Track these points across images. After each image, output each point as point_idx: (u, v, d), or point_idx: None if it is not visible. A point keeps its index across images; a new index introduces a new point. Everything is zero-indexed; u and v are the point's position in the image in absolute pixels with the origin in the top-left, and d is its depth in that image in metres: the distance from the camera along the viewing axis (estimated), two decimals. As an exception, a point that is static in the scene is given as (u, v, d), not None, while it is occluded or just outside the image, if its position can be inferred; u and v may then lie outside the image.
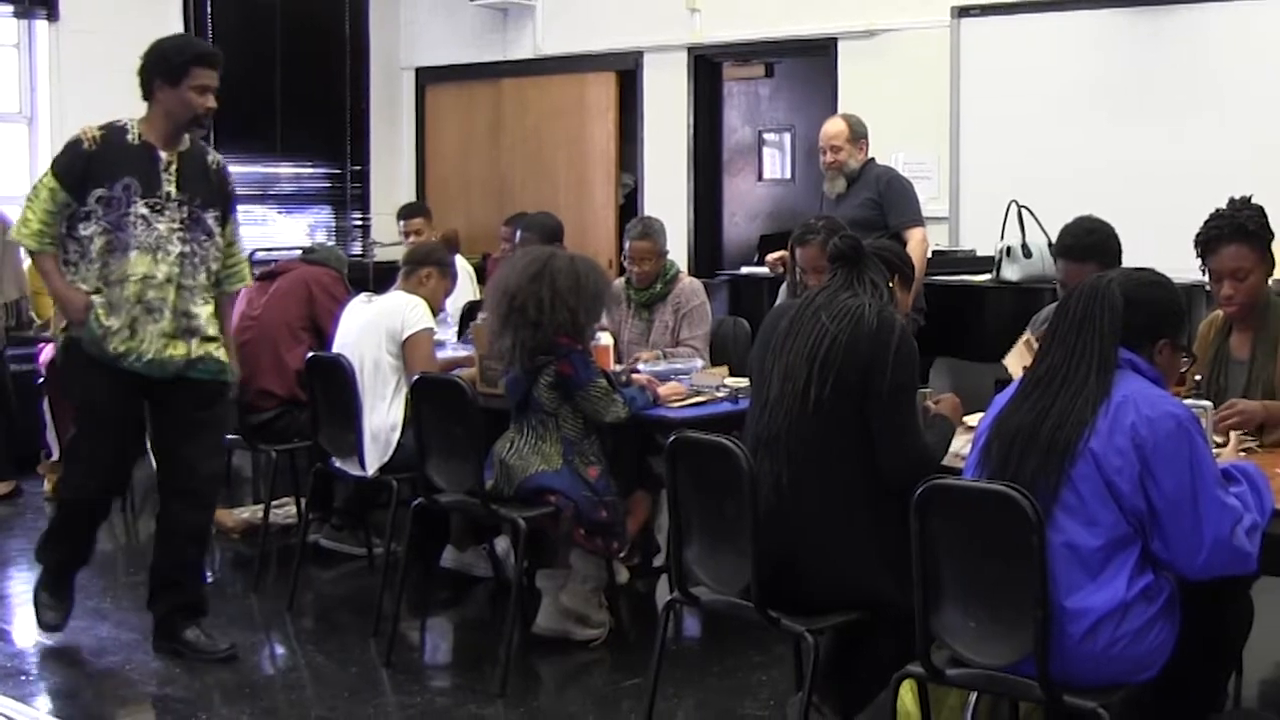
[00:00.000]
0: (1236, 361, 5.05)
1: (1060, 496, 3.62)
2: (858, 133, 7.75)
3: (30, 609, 6.51)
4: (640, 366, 6.61)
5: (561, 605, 5.91)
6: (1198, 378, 4.93)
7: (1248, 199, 4.96)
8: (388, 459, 6.38)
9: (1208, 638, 3.90)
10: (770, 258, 7.97)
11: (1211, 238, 4.91)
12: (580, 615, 5.91)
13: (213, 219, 5.70)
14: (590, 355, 5.81)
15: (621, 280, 7.40)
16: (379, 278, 10.13)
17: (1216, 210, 4.96)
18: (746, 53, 11.39)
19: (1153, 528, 3.59)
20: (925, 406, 4.76)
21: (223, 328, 5.88)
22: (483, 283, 8.92)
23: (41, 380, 8.76)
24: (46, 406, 8.72)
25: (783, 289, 7.32)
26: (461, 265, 8.67)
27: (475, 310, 7.51)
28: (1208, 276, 5.01)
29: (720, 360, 7.07)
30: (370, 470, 6.39)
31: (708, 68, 11.37)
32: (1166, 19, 8.75)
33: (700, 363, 6.87)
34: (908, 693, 4.16)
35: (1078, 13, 9.10)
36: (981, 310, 8.21)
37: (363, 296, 6.86)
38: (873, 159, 7.82)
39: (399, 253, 8.68)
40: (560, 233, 7.90)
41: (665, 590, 6.32)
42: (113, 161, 5.48)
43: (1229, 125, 8.52)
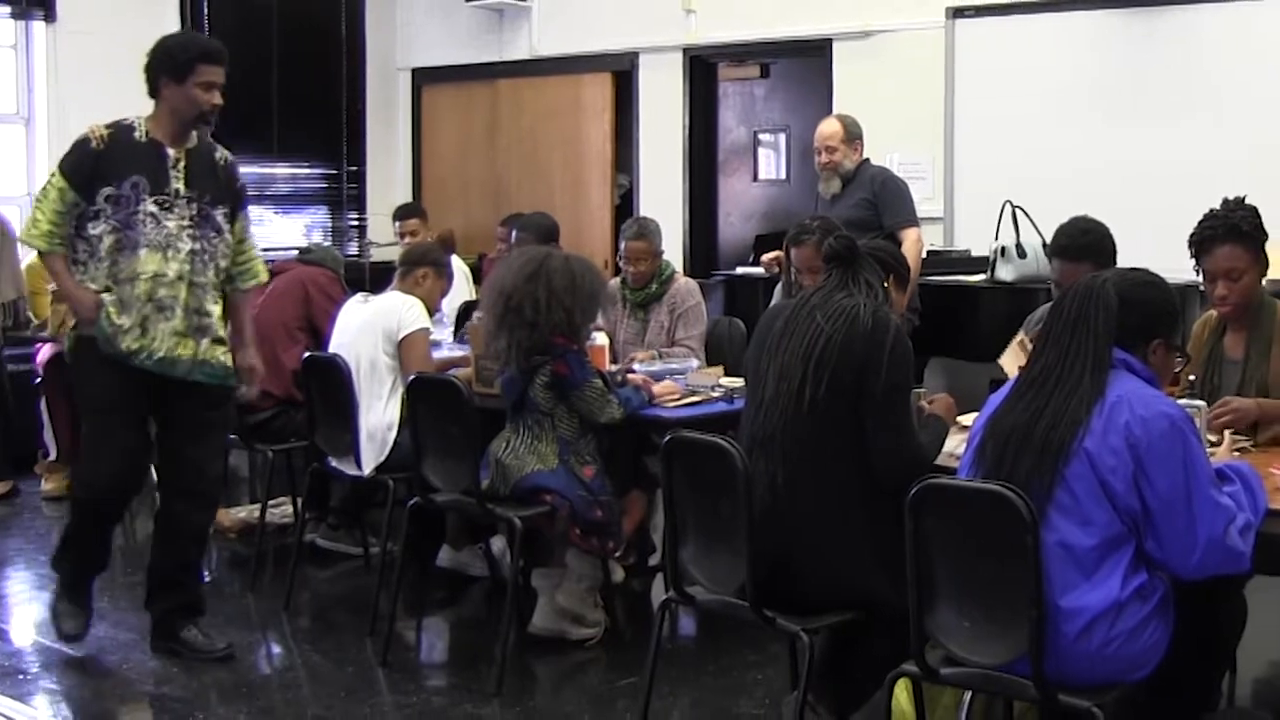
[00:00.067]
0: (1230, 361, 5.06)
1: (1054, 496, 3.62)
2: (853, 133, 7.76)
3: (28, 608, 6.55)
4: (636, 366, 6.61)
5: (557, 604, 5.91)
6: (1191, 378, 4.92)
7: (1241, 199, 4.96)
8: (384, 459, 6.37)
9: (1202, 637, 3.90)
10: (765, 258, 7.98)
11: (1205, 238, 4.92)
12: (576, 614, 5.91)
13: (222, 216, 5.68)
14: (586, 355, 5.82)
15: (617, 280, 7.40)
16: (375, 278, 10.16)
17: (1210, 211, 4.96)
18: (742, 53, 11.40)
19: (1147, 527, 3.59)
20: (919, 406, 4.77)
21: (240, 325, 5.89)
22: (479, 283, 8.96)
23: (39, 380, 8.78)
24: (44, 406, 8.75)
25: (778, 289, 7.33)
26: (457, 265, 8.68)
27: (471, 310, 7.51)
28: (1202, 277, 5.01)
29: (715, 360, 7.08)
30: (366, 470, 6.39)
31: (703, 68, 11.36)
32: (1161, 20, 8.76)
33: (695, 363, 6.87)
34: (903, 692, 4.17)
35: (1072, 14, 9.09)
36: (976, 310, 8.23)
37: (359, 297, 6.86)
38: (867, 159, 7.82)
39: (395, 253, 8.70)
40: (556, 233, 7.90)
41: (661, 589, 6.33)
42: (121, 160, 5.46)
43: (1223, 126, 8.53)
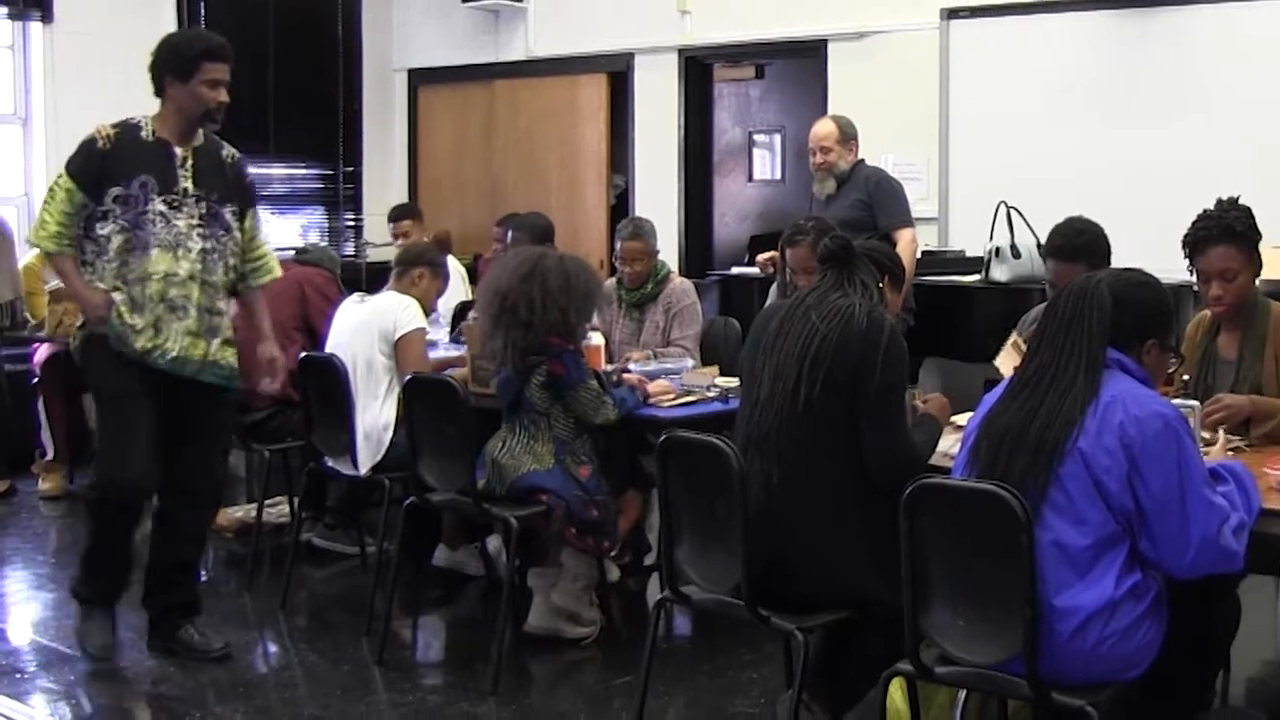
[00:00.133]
0: (1224, 361, 5.07)
1: (1049, 495, 3.62)
2: (847, 134, 7.76)
3: (25, 607, 6.56)
4: (631, 366, 6.62)
5: (553, 604, 5.92)
6: (1185, 377, 4.92)
7: (1235, 200, 4.97)
8: (380, 458, 6.38)
9: (1195, 636, 3.91)
10: (760, 258, 7.99)
11: (1199, 238, 4.93)
12: (572, 614, 5.92)
13: (230, 214, 5.66)
14: (582, 355, 5.83)
15: (613, 280, 7.41)
16: (371, 278, 10.16)
17: (1204, 211, 4.98)
18: (737, 54, 11.39)
19: (1141, 527, 3.59)
20: (913, 406, 4.78)
21: (258, 320, 5.88)
22: (475, 283, 8.95)
23: (36, 380, 8.79)
24: (41, 406, 8.76)
25: (773, 289, 7.32)
26: (453, 265, 8.69)
27: (467, 310, 7.51)
28: (1196, 277, 5.03)
29: (711, 360, 7.07)
30: (363, 469, 6.40)
31: (698, 69, 11.38)
32: (1154, 21, 8.78)
33: (691, 362, 6.87)
34: (897, 691, 4.16)
35: (1066, 15, 9.11)
36: (970, 310, 8.23)
37: (355, 297, 6.86)
38: (862, 160, 7.82)
39: (391, 253, 8.70)
40: (551, 233, 7.91)
41: (656, 589, 6.34)
42: (128, 159, 5.43)
43: (1217, 126, 8.55)
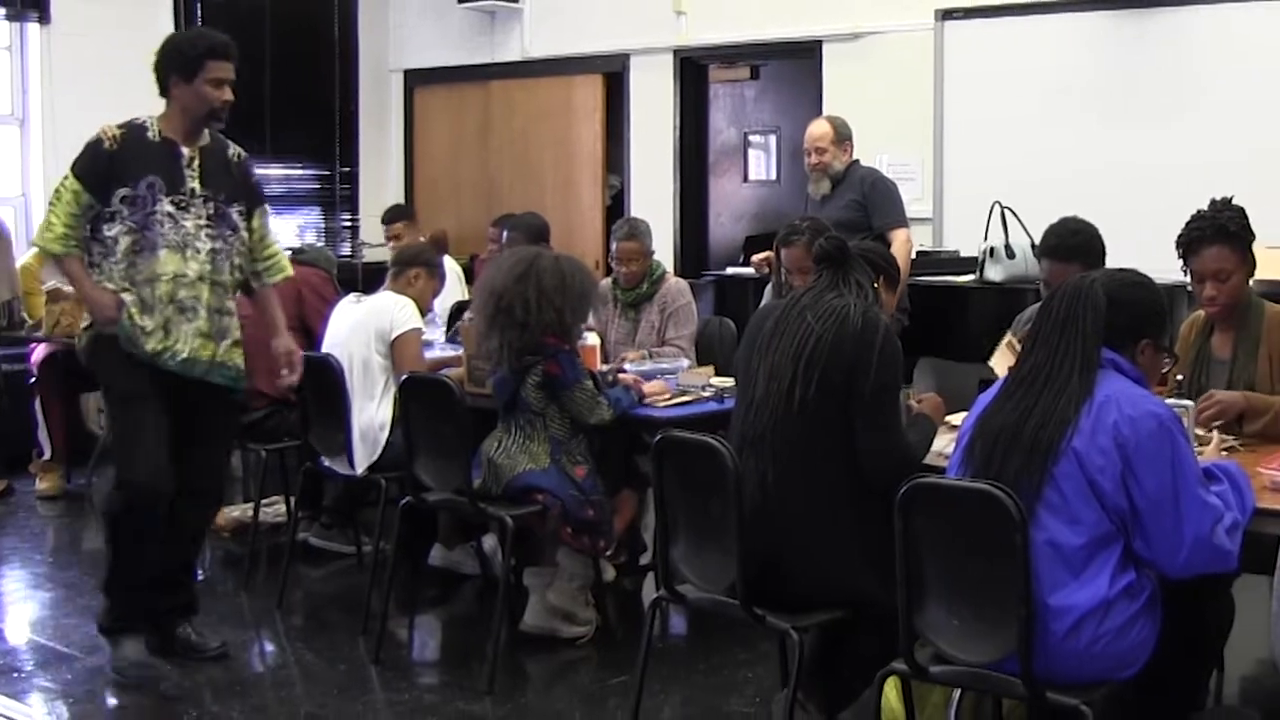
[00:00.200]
0: (1218, 361, 5.08)
1: (1043, 495, 3.63)
2: (842, 134, 7.77)
3: (23, 606, 6.57)
4: (626, 366, 6.63)
5: (549, 603, 5.93)
6: (1179, 377, 4.94)
7: (1229, 200, 4.99)
8: (376, 458, 6.39)
9: (1189, 635, 3.92)
10: (756, 258, 7.99)
11: (1193, 239, 4.94)
12: (567, 613, 5.93)
13: (237, 214, 5.63)
14: (577, 355, 5.84)
15: (608, 280, 7.43)
16: (368, 278, 10.15)
17: (1198, 211, 4.99)
18: (732, 55, 11.40)
19: (1134, 526, 3.60)
20: (908, 406, 4.79)
21: (272, 316, 5.88)
22: (471, 283, 8.96)
23: (33, 380, 8.79)
24: (38, 406, 8.77)
25: (768, 289, 7.33)
26: (450, 266, 8.69)
27: (463, 310, 7.51)
28: (1190, 277, 5.04)
29: (706, 360, 7.09)
30: (359, 469, 6.41)
31: (693, 70, 11.39)
32: (1149, 22, 8.79)
33: (686, 362, 6.88)
34: (892, 690, 4.18)
35: (1061, 16, 9.12)
36: (965, 311, 8.24)
37: (351, 297, 6.87)
38: (857, 160, 7.83)
39: (387, 253, 8.71)
40: (546, 233, 7.92)
41: (652, 588, 6.34)
42: (135, 160, 5.40)
43: (1211, 127, 8.55)
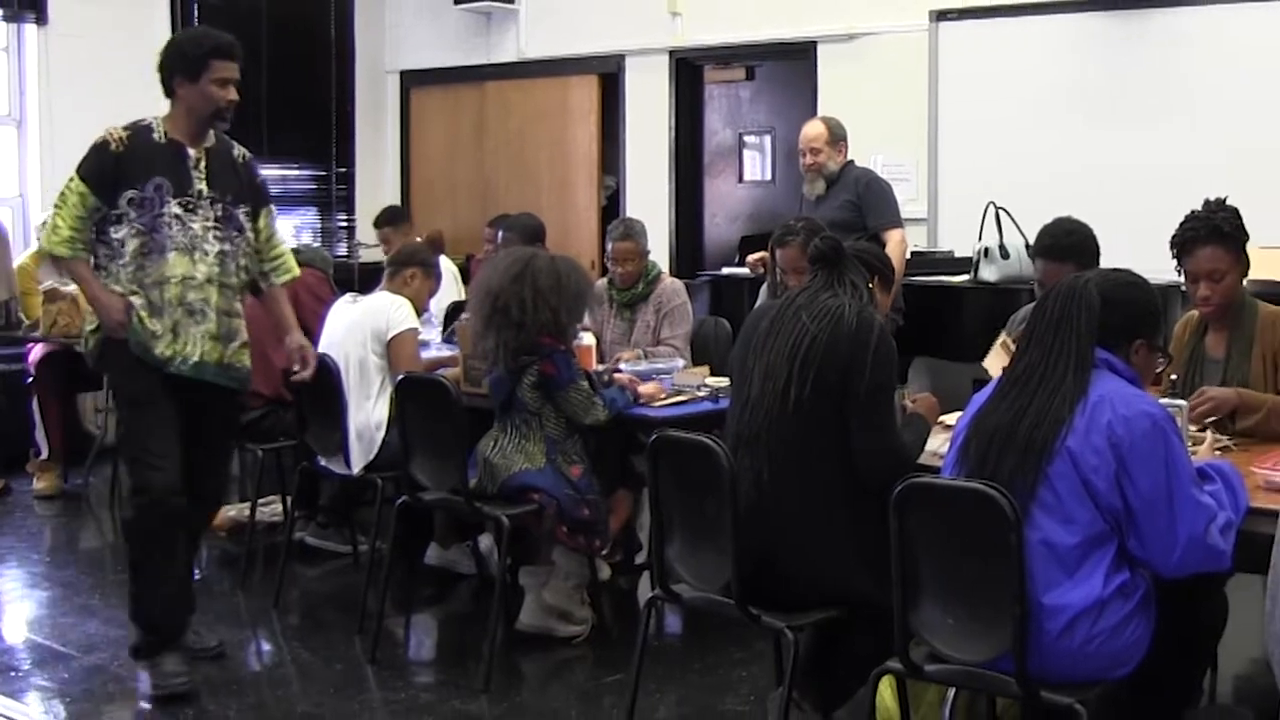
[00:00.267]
0: (1212, 361, 5.08)
1: (1037, 494, 3.64)
2: (837, 135, 7.78)
3: (20, 605, 6.55)
4: (622, 366, 6.63)
5: (544, 602, 5.94)
6: (1173, 377, 4.94)
7: (1223, 201, 4.99)
8: (373, 457, 6.40)
9: (1183, 634, 3.92)
10: (751, 259, 8.00)
11: (1187, 239, 4.95)
12: (563, 612, 5.94)
13: (244, 215, 5.58)
14: (573, 355, 5.84)
15: (604, 280, 7.44)
16: (364, 278, 10.15)
17: (1192, 212, 4.99)
18: (727, 56, 11.42)
19: (1129, 526, 3.61)
20: (902, 405, 4.79)
21: (280, 315, 5.84)
22: (467, 283, 8.97)
23: (30, 380, 8.80)
24: (35, 406, 8.77)
25: (763, 289, 7.35)
26: (446, 266, 8.69)
27: (460, 310, 7.52)
28: (1183, 277, 5.04)
29: (701, 360, 7.10)
30: (355, 468, 6.41)
31: (689, 71, 11.39)
32: (1142, 23, 8.80)
33: (681, 362, 6.89)
34: (887, 689, 4.19)
35: (1054, 17, 9.13)
36: (959, 310, 8.25)
37: (348, 297, 6.87)
38: (852, 161, 7.85)
39: (383, 254, 8.72)
40: (542, 233, 7.92)
41: (647, 587, 6.32)
42: (142, 161, 5.34)
43: (1204, 128, 8.57)
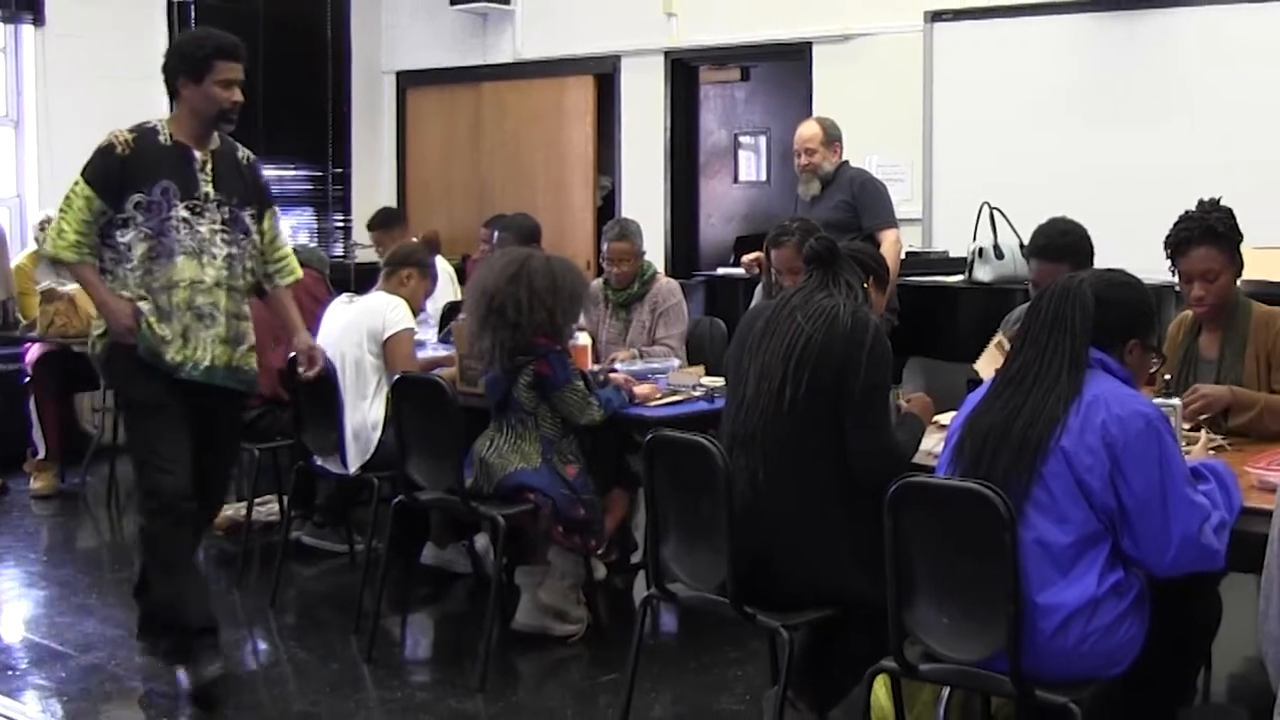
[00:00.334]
0: (1205, 361, 5.10)
1: (1032, 494, 3.64)
2: (832, 136, 7.78)
3: (17, 604, 6.56)
4: (617, 366, 6.65)
5: (540, 601, 5.95)
6: (1167, 377, 4.94)
7: (1217, 201, 5.00)
8: (369, 457, 6.40)
9: (1177, 633, 3.93)
10: (746, 259, 8.02)
11: (1181, 240, 4.96)
12: (559, 611, 5.95)
13: (250, 217, 5.57)
14: (568, 355, 5.85)
15: (599, 281, 7.45)
16: (360, 279, 10.19)
17: (1186, 212, 5.01)
18: (722, 57, 11.43)
19: (1123, 525, 3.62)
20: (897, 405, 4.80)
21: (286, 316, 5.87)
22: (463, 283, 8.98)
23: (27, 380, 8.81)
24: (32, 406, 8.77)
25: (758, 290, 7.35)
26: (442, 266, 8.71)
27: (456, 310, 7.53)
28: (1177, 278, 5.05)
29: (696, 360, 7.10)
30: (352, 468, 6.42)
31: (684, 71, 11.41)
32: (1137, 24, 8.82)
33: (676, 362, 6.91)
34: (881, 688, 4.19)
35: (1049, 18, 9.14)
36: (954, 311, 8.26)
37: (344, 297, 6.89)
38: (846, 161, 7.84)
39: (378, 255, 8.74)
40: (537, 234, 7.93)
41: (642, 586, 6.36)
42: (148, 164, 5.29)
43: (1199, 129, 8.58)
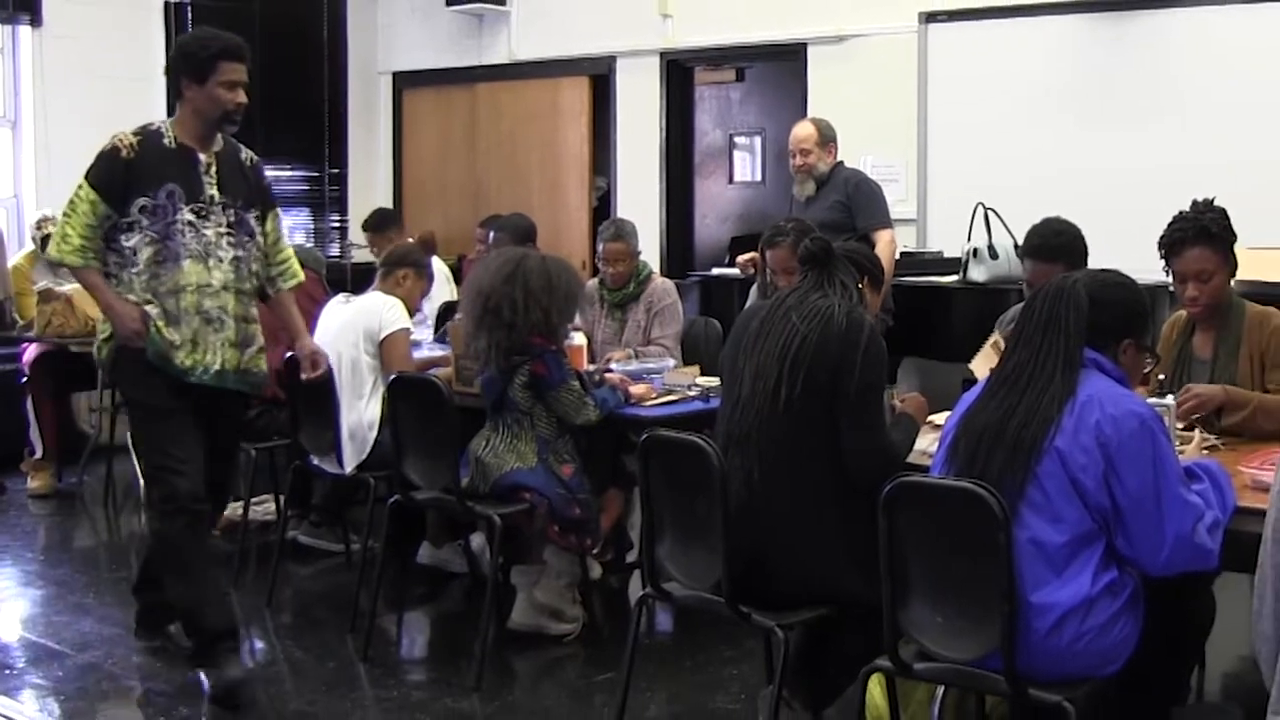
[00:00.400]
0: (1199, 361, 5.11)
1: (1026, 493, 3.65)
2: (827, 136, 7.79)
3: (14, 604, 6.56)
4: (613, 366, 6.66)
5: (536, 601, 5.95)
6: (1161, 377, 4.94)
7: (1210, 201, 5.01)
8: (365, 457, 6.41)
9: (1171, 633, 3.94)
10: (741, 259, 8.03)
11: (1175, 240, 4.97)
12: (554, 610, 5.95)
13: (254, 219, 5.58)
14: (564, 356, 5.86)
15: (595, 281, 7.46)
16: (356, 279, 10.21)
17: (1180, 213, 5.01)
18: (718, 57, 11.44)
19: (1116, 525, 3.63)
20: (891, 405, 4.81)
21: (289, 319, 5.87)
22: (459, 284, 8.99)
23: (25, 379, 8.81)
24: (29, 405, 8.78)
25: (753, 290, 7.35)
26: (438, 266, 8.72)
27: (452, 310, 7.53)
28: (1171, 278, 5.07)
29: (691, 360, 7.12)
30: (348, 468, 6.42)
31: (679, 72, 11.43)
32: (1130, 25, 8.84)
33: (672, 362, 6.91)
34: (876, 687, 4.21)
35: (1043, 19, 9.17)
36: (949, 311, 8.26)
37: (340, 297, 6.89)
38: (841, 162, 7.85)
39: (373, 255, 8.75)
40: (533, 234, 7.95)
41: (638, 586, 6.38)
42: (153, 168, 5.26)
43: (1192, 129, 8.61)
